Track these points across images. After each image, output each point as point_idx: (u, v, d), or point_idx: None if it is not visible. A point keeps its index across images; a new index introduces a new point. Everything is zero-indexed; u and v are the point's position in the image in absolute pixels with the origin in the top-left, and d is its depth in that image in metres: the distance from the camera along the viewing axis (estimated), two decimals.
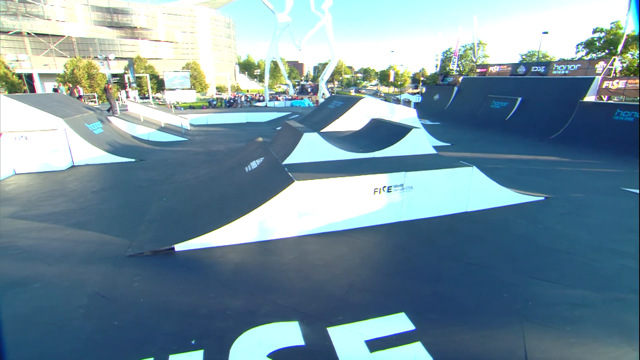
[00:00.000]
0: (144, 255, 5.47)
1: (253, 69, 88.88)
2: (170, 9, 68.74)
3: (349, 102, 14.01)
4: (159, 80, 48.93)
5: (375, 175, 6.37)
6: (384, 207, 6.63)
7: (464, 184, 7.38)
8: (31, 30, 51.73)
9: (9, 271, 5.09)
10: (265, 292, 4.51)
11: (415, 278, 5.06)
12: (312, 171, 6.43)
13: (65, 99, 15.39)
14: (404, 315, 4.14)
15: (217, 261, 5.27)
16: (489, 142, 16.83)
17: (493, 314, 4.23)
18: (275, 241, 5.87)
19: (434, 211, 7.23)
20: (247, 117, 23.40)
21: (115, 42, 61.45)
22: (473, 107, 23.84)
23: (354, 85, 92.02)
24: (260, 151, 8.19)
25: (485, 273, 5.18)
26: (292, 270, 5.08)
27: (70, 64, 37.79)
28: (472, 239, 6.35)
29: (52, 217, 7.20)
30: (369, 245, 6.03)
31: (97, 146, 12.02)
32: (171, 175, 10.17)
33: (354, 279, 4.94)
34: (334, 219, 6.24)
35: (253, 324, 3.88)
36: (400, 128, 8.47)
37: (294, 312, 4.12)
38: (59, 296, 4.52)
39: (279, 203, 5.71)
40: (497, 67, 25.25)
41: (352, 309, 4.25)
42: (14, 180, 9.96)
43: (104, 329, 3.85)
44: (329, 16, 35.34)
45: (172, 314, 4.07)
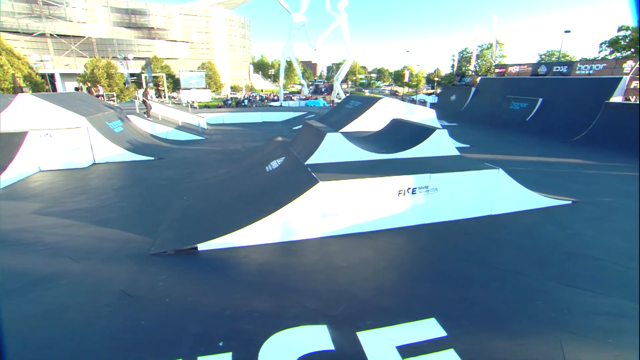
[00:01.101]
0: (167, 254, 5.46)
1: (267, 68, 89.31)
2: (187, 10, 69.65)
3: (368, 102, 13.87)
4: (175, 80, 49.60)
5: (401, 176, 6.24)
6: (408, 209, 6.50)
7: (490, 186, 7.19)
8: (54, 31, 53.31)
9: (37, 267, 5.14)
10: (291, 294, 4.44)
11: (442, 282, 4.92)
12: (335, 172, 6.34)
13: (87, 98, 15.68)
14: (434, 321, 4.02)
15: (241, 261, 5.23)
16: (508, 144, 16.47)
17: (527, 322, 4.06)
18: (298, 242, 5.80)
19: (458, 214, 7.06)
20: (262, 116, 23.47)
21: (132, 42, 62.67)
22: (492, 108, 23.39)
23: (367, 85, 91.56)
24: (281, 151, 8.14)
25: (515, 279, 5.01)
26: (316, 272, 5.00)
27: (90, 64, 38.58)
28: (498, 243, 6.17)
29: (76, 214, 7.29)
30: (393, 247, 5.91)
31: (117, 144, 12.18)
32: (190, 174, 10.22)
33: (380, 282, 4.83)
34: (357, 221, 6.14)
35: (281, 326, 3.81)
36: (423, 129, 8.31)
37: (322, 316, 4.04)
38: (86, 293, 4.53)
39: (302, 204, 5.64)
40: (517, 67, 24.71)
41: (381, 313, 4.15)
42: (39, 177, 10.15)
43: (132, 328, 3.84)
44: (345, 16, 35.20)
45: (198, 314, 4.04)
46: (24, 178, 9.86)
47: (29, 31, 51.85)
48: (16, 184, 9.39)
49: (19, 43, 48.52)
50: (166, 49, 66.05)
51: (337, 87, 37.65)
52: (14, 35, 49.30)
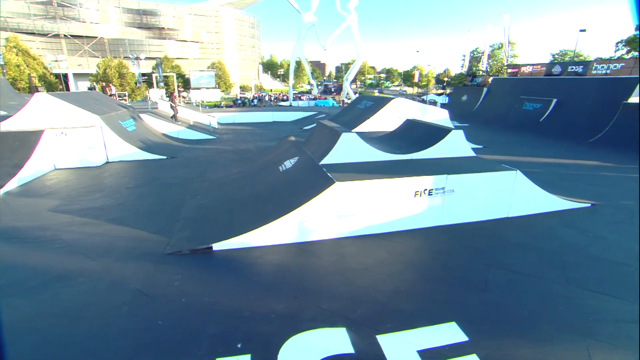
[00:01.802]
0: (183, 254, 5.46)
1: (276, 68, 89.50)
2: (197, 10, 70.07)
3: (380, 103, 13.77)
4: (185, 80, 49.97)
5: (418, 177, 6.15)
6: (424, 210, 6.41)
7: (507, 188, 7.05)
8: (67, 32, 54.18)
9: (55, 264, 5.18)
10: (308, 296, 4.39)
11: (461, 285, 4.82)
12: (350, 172, 6.28)
13: (101, 97, 15.85)
14: (454, 325, 3.94)
15: (256, 262, 5.20)
16: (522, 145, 16.20)
17: (551, 328, 3.95)
18: (313, 243, 5.75)
19: (474, 216, 6.95)
20: (273, 116, 23.52)
21: (143, 42, 63.27)
22: (504, 108, 23.06)
23: (376, 86, 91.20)
24: (294, 150, 8.10)
25: (535, 283, 4.89)
26: (333, 273, 4.95)
27: (102, 64, 39.06)
28: (516, 246, 6.04)
29: (91, 212, 7.34)
30: (409, 249, 5.82)
31: (130, 143, 12.27)
32: (203, 173, 10.24)
33: (398, 284, 4.75)
34: (373, 222, 6.07)
35: (299, 329, 3.76)
36: (439, 129, 8.20)
37: (340, 318, 3.98)
38: (103, 292, 4.55)
39: (318, 204, 5.58)
40: (530, 67, 24.34)
41: (400, 316, 4.08)
42: (54, 175, 10.27)
43: (149, 327, 3.82)
44: (355, 15, 35.07)
45: (215, 315, 4.01)
46: (40, 176, 9.98)
47: (43, 32, 52.77)
48: (32, 181, 9.51)
49: (34, 44, 49.37)
50: (176, 49, 66.56)
51: (347, 87, 37.52)
52: (29, 36, 50.21)
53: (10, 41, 36.05)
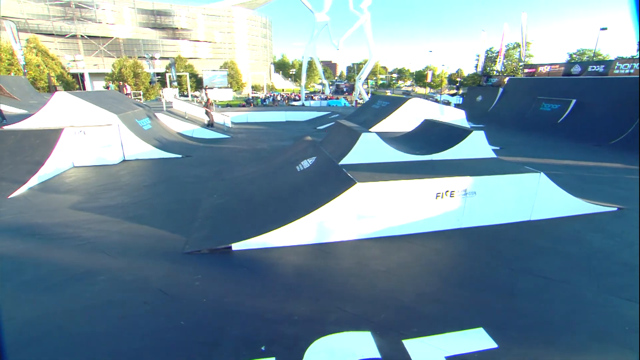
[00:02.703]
0: (202, 253, 5.44)
1: (288, 68, 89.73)
2: (210, 10, 70.77)
3: (396, 103, 13.60)
4: (198, 79, 50.47)
5: (439, 178, 6.02)
6: (445, 212, 6.27)
7: (530, 190, 6.86)
8: (84, 33, 55.35)
9: (77, 261, 5.21)
10: (330, 298, 4.31)
11: (487, 290, 4.68)
12: (370, 173, 6.18)
13: (117, 96, 16.05)
14: (482, 331, 3.81)
15: (276, 262, 5.14)
16: (540, 147, 15.83)
17: (584, 336, 3.80)
18: (333, 244, 5.67)
19: (495, 219, 6.78)
20: (286, 115, 23.53)
21: (157, 42, 64.18)
22: (520, 109, 22.60)
23: (388, 86, 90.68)
24: (311, 150, 8.03)
25: (564, 289, 4.72)
26: (355, 276, 4.85)
27: (117, 64, 39.77)
28: (542, 251, 5.86)
29: (110, 210, 7.39)
30: (431, 252, 5.70)
31: (146, 142, 12.37)
32: (219, 172, 10.26)
33: (421, 288, 4.64)
34: (393, 223, 5.96)
35: (323, 332, 3.68)
36: (459, 130, 8.04)
37: (365, 322, 3.89)
38: (124, 290, 4.54)
39: (339, 205, 5.50)
40: (548, 67, 23.80)
41: (426, 321, 3.97)
42: (73, 172, 10.41)
43: (172, 328, 3.79)
44: (368, 15, 34.89)
45: (237, 316, 3.96)
46: (59, 173, 10.13)
47: (62, 33, 54.06)
48: (52, 179, 9.64)
49: (53, 44, 50.57)
50: (189, 49, 67.35)
51: (360, 87, 37.35)
52: (48, 37, 51.47)
53: (30, 42, 36.97)
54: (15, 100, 19.22)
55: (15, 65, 28.74)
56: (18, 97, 19.87)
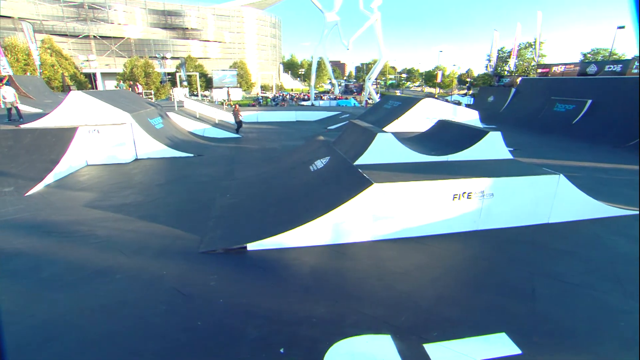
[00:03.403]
0: (217, 253, 5.41)
1: (296, 68, 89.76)
2: (220, 10, 71.10)
3: (408, 103, 13.46)
4: (208, 79, 50.76)
5: (457, 180, 5.92)
6: (462, 214, 6.16)
7: (548, 193, 6.71)
8: (97, 33, 56.10)
9: (92, 260, 5.22)
10: (348, 300, 4.25)
11: (507, 294, 4.57)
12: (386, 173, 6.09)
13: (130, 95, 16.20)
14: (505, 336, 3.71)
15: (292, 263, 5.09)
16: (555, 148, 15.53)
17: (612, 344, 3.68)
18: (349, 245, 5.60)
19: (513, 221, 6.64)
20: (296, 115, 23.49)
21: (168, 42, 64.67)
22: (533, 109, 22.23)
23: (397, 86, 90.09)
24: (324, 150, 7.97)
25: (588, 294, 4.59)
26: (372, 277, 4.78)
27: (129, 63, 40.13)
28: (562, 254, 5.72)
29: (124, 209, 7.42)
30: (448, 254, 5.60)
31: (158, 140, 12.42)
32: (231, 171, 10.26)
33: (440, 291, 4.55)
34: (409, 225, 5.86)
35: (342, 334, 3.62)
36: (475, 131, 7.91)
37: (384, 324, 3.82)
38: (140, 290, 4.53)
39: (355, 206, 5.43)
40: (562, 67, 23.37)
41: (446, 325, 3.89)
42: (86, 171, 10.50)
43: (189, 328, 3.75)
44: (378, 15, 34.63)
45: (254, 318, 3.91)
46: (73, 171, 10.23)
47: (75, 34, 54.85)
48: (67, 177, 9.74)
49: (66, 45, 51.33)
50: (199, 49, 67.72)
51: (369, 87, 37.12)
52: (62, 37, 52.26)
53: (45, 42, 37.60)
54: (31, 99, 19.52)
55: (31, 65, 29.25)
56: (34, 96, 20.18)
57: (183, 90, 32.05)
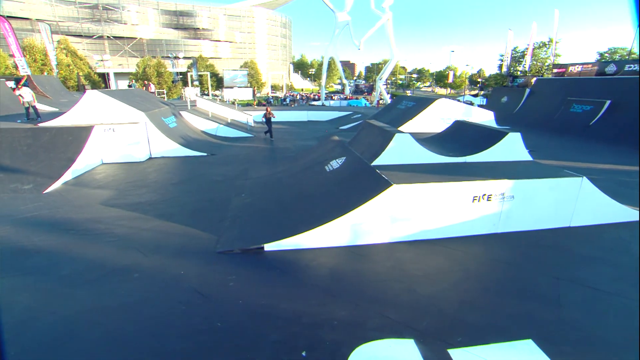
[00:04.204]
0: (234, 253, 5.39)
1: (306, 68, 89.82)
2: (231, 11, 71.57)
3: (422, 103, 13.30)
4: (218, 79, 51.08)
5: (477, 181, 5.79)
6: (481, 216, 6.03)
7: (570, 195, 6.54)
8: (110, 34, 56.97)
9: (111, 258, 5.24)
10: (369, 303, 4.17)
11: (532, 299, 4.44)
12: (404, 174, 6.00)
13: (144, 94, 16.35)
14: (531, 343, 3.59)
15: (310, 265, 5.03)
16: (572, 150, 15.19)
17: None
18: (366, 246, 5.52)
19: (533, 224, 6.48)
20: (307, 115, 23.47)
21: (179, 42, 65.31)
22: (549, 110, 21.79)
23: (407, 86, 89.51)
24: (340, 150, 7.91)
25: (618, 302, 4.42)
26: (392, 280, 4.70)
27: (142, 63, 40.73)
28: (586, 259, 5.55)
29: (140, 207, 7.46)
30: (468, 257, 5.48)
31: (172, 139, 12.50)
32: (245, 170, 10.25)
33: (462, 295, 4.45)
34: (428, 227, 5.76)
35: (365, 338, 3.54)
36: (493, 132, 7.76)
37: (407, 329, 3.73)
38: (158, 289, 4.52)
39: (374, 207, 5.35)
40: (579, 67, 22.88)
41: (470, 330, 3.78)
42: (102, 169, 10.61)
43: (208, 330, 3.72)
44: (390, 14, 34.46)
45: (274, 320, 3.86)
46: (89, 170, 10.35)
47: (89, 34, 55.84)
48: (83, 175, 9.85)
49: (81, 45, 52.25)
50: (210, 49, 68.25)
51: (380, 87, 36.94)
52: (77, 38, 53.22)
53: (61, 43, 38.31)
54: (48, 98, 19.86)
55: (47, 65, 29.85)
56: (50, 95, 20.54)
57: (194, 90, 32.31)
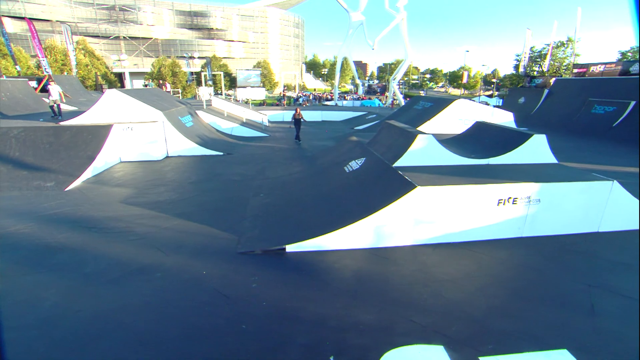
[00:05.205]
0: (255, 254, 5.35)
1: (319, 68, 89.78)
2: (244, 11, 72.01)
3: (440, 104, 13.09)
4: (232, 78, 51.48)
5: (502, 184, 5.65)
6: (506, 220, 5.87)
7: (599, 200, 6.32)
8: (127, 34, 57.96)
9: (132, 257, 5.26)
10: (396, 307, 4.08)
11: (564, 307, 4.29)
12: (427, 176, 5.89)
13: (161, 93, 16.52)
14: (567, 353, 3.45)
15: (333, 267, 4.96)
16: (594, 152, 14.76)
17: None
18: (389, 249, 5.43)
19: (559, 229, 6.29)
20: (322, 115, 23.42)
21: (193, 42, 65.99)
22: (568, 111, 21.27)
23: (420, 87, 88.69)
24: (359, 151, 7.82)
25: None
26: (418, 283, 4.60)
27: (157, 63, 41.23)
28: (619, 267, 5.35)
29: (159, 206, 7.49)
30: (495, 261, 5.34)
31: (189, 138, 12.57)
32: (262, 170, 10.24)
33: (491, 300, 4.32)
34: (451, 229, 5.64)
35: (393, 343, 3.46)
36: (516, 133, 7.57)
37: (435, 334, 3.63)
38: (182, 289, 4.50)
39: (398, 208, 5.25)
40: (601, 67, 22.25)
41: (501, 338, 3.66)
42: (120, 167, 10.73)
43: (234, 332, 3.68)
44: (404, 14, 34.15)
45: (300, 323, 3.80)
46: (108, 168, 10.48)
47: (106, 35, 56.91)
48: (102, 173, 9.97)
49: (98, 46, 53.31)
50: (224, 49, 68.78)
51: (394, 87, 36.65)
52: (94, 39, 54.31)
53: (80, 44, 39.13)
54: (68, 97, 20.27)
55: (67, 65, 30.53)
56: (70, 94, 20.96)
57: (208, 89, 32.61)
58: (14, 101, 15.28)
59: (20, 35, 45.49)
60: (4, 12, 39.86)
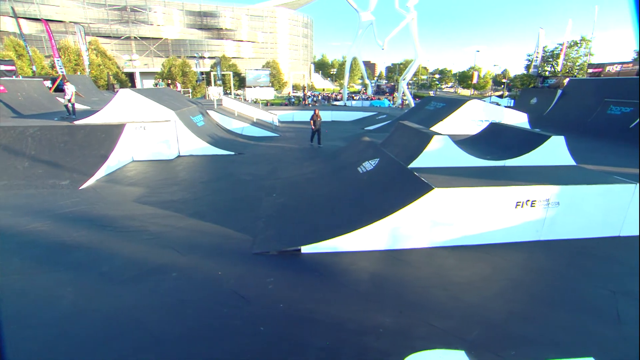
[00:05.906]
0: (270, 254, 5.32)
1: (327, 68, 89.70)
2: (254, 11, 72.30)
3: (453, 104, 12.94)
4: (241, 78, 51.69)
5: (521, 187, 5.53)
6: (524, 223, 5.76)
7: (621, 203, 6.17)
8: (137, 34, 58.65)
9: (148, 256, 5.27)
10: (414, 310, 4.02)
11: (587, 313, 4.17)
12: (444, 178, 5.80)
13: (173, 93, 16.63)
14: None
15: (349, 268, 4.91)
16: (611, 154, 14.41)
17: None
18: (406, 251, 5.36)
19: (579, 232, 6.15)
20: (332, 115, 23.34)
21: (203, 42, 66.46)
22: (583, 112, 20.85)
23: (429, 87, 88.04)
24: (372, 151, 7.75)
25: None
26: (436, 287, 4.52)
27: (167, 63, 41.62)
28: None
29: (172, 205, 7.51)
30: (512, 265, 5.24)
31: (200, 138, 12.62)
32: (273, 170, 10.23)
33: (510, 305, 4.23)
34: (468, 232, 5.54)
35: (412, 348, 3.37)
36: (533, 135, 7.43)
37: (456, 339, 3.56)
38: (198, 289, 4.49)
39: (414, 210, 5.18)
40: (618, 66, 21.79)
41: (523, 343, 3.58)
42: (133, 166, 10.80)
43: (252, 334, 3.65)
44: (415, 14, 33.89)
45: (318, 325, 3.76)
46: (121, 167, 10.56)
47: (117, 35, 57.65)
48: (115, 172, 10.05)
49: (109, 46, 53.97)
50: (233, 49, 69.15)
51: (404, 87, 36.39)
52: (106, 39, 55.04)
53: (92, 44, 39.68)
54: (81, 97, 20.52)
55: (80, 65, 30.98)
56: (83, 94, 21.20)
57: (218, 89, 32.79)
58: (30, 101, 15.51)
59: (34, 37, 46.32)
60: (20, 13, 40.54)
